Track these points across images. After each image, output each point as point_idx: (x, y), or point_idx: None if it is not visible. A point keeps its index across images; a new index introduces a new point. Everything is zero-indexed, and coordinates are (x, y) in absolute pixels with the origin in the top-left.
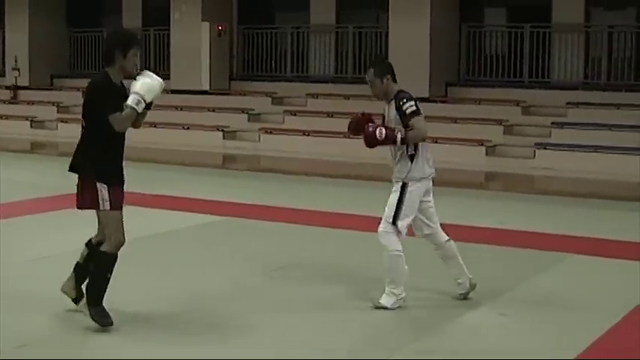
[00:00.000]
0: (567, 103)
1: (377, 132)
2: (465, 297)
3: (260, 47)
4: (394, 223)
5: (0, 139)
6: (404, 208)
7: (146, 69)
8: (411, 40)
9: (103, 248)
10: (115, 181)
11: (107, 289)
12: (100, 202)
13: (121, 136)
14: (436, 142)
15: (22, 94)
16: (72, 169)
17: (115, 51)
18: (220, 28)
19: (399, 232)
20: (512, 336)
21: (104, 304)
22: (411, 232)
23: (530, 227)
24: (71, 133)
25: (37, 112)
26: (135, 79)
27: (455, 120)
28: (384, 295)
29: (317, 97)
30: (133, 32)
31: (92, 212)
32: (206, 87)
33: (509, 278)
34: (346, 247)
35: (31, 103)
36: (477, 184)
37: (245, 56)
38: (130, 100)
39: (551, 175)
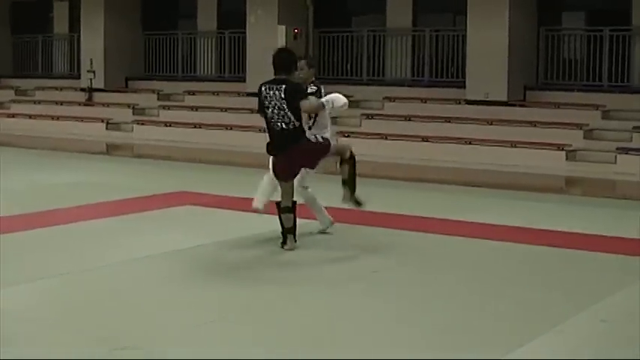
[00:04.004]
0: None
1: None
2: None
3: (336, 51)
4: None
5: (76, 140)
6: None
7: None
8: (488, 43)
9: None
10: None
11: None
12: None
13: None
14: (515, 147)
15: (98, 97)
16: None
17: (294, 64)
18: (296, 31)
19: None
20: (615, 343)
21: None
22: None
23: (615, 233)
24: (147, 134)
25: (112, 115)
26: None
27: (534, 124)
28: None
29: (394, 101)
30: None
31: (175, 215)
32: None
33: (604, 284)
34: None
35: (107, 105)
36: (557, 189)
37: (321, 60)
38: (325, 101)
39: (633, 180)
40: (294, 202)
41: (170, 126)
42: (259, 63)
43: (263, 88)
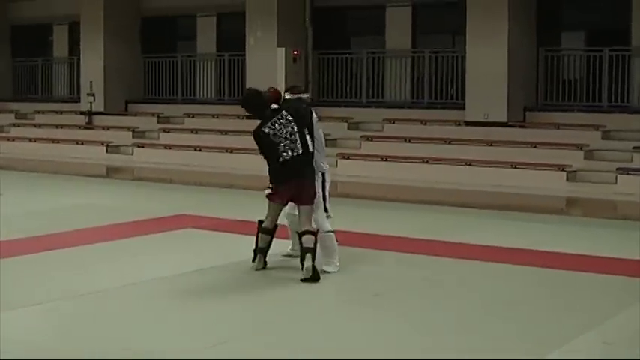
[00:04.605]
0: None
1: None
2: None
3: (335, 72)
4: (326, 210)
5: (76, 164)
6: (327, 194)
7: None
8: (488, 64)
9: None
10: None
11: None
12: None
13: None
14: (515, 168)
15: (98, 120)
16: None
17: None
18: (295, 53)
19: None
20: None
21: None
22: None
23: (617, 254)
24: (147, 157)
25: (112, 138)
26: None
27: (534, 145)
28: (325, 265)
29: (393, 123)
30: None
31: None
32: None
33: (607, 305)
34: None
35: (107, 128)
36: (558, 209)
37: (320, 82)
38: None
39: (634, 200)
40: (276, 226)
41: (170, 149)
42: (259, 86)
43: (267, 130)
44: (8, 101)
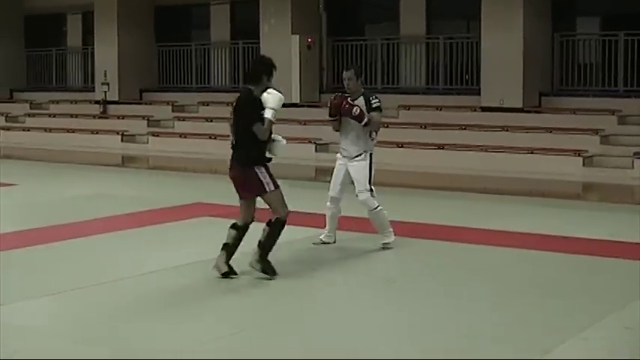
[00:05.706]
0: None
1: (353, 109)
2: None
3: (350, 59)
4: (370, 189)
5: (91, 153)
6: (372, 173)
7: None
8: (503, 49)
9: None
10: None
11: None
12: (265, 186)
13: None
14: (532, 153)
15: (112, 109)
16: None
17: (263, 75)
18: (310, 40)
19: (372, 193)
20: (639, 350)
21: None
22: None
23: (634, 238)
24: (162, 146)
25: (127, 127)
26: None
27: (550, 130)
28: (385, 238)
29: (409, 109)
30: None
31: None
32: (296, 99)
33: (627, 290)
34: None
35: (121, 117)
36: (574, 195)
37: (335, 68)
38: (269, 114)
39: None
40: (247, 225)
41: (185, 137)
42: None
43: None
44: (22, 91)
